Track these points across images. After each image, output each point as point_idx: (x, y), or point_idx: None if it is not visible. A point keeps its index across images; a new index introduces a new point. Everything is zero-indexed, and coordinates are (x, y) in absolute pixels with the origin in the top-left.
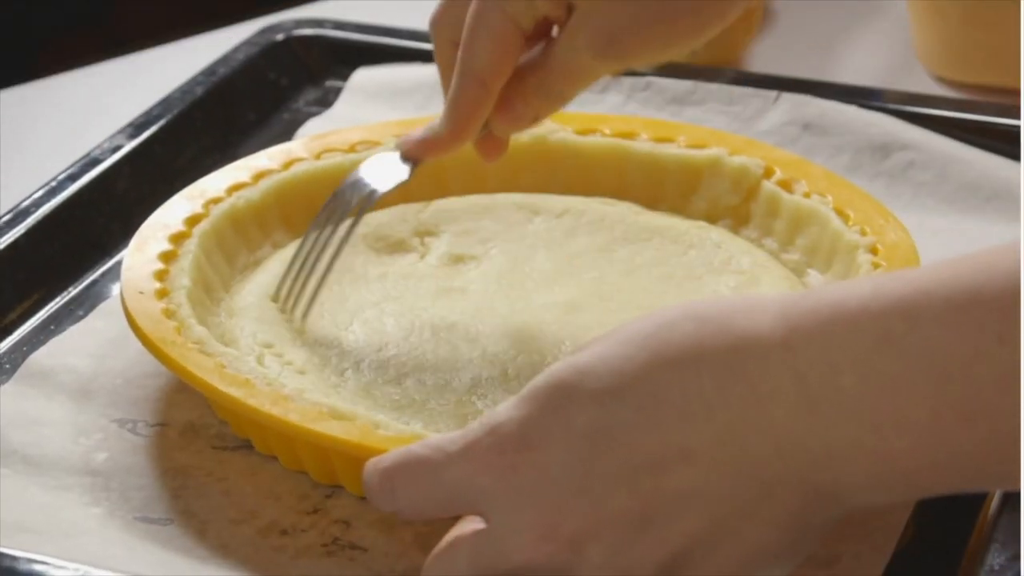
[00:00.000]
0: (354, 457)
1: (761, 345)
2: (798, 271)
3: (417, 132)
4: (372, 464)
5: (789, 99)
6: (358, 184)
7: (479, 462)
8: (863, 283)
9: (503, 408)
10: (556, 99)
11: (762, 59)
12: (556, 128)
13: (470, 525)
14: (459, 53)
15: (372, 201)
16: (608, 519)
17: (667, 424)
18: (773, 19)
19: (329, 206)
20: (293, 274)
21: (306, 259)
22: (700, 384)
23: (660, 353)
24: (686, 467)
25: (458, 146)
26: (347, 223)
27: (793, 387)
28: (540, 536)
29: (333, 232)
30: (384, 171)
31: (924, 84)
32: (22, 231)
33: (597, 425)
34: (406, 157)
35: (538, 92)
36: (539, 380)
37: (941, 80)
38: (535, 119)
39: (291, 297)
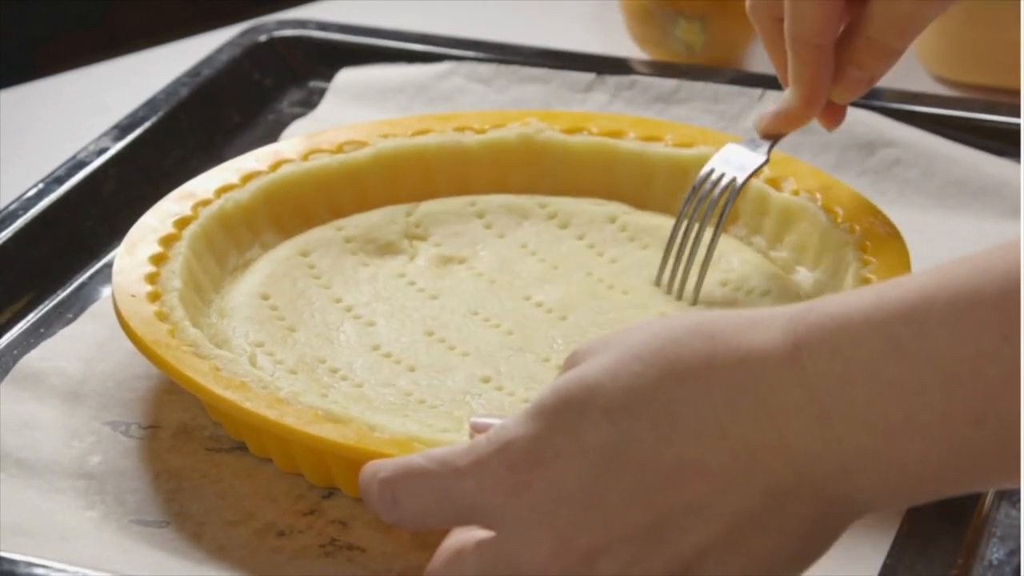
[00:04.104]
0: (351, 460)
1: (770, 361)
2: (787, 268)
3: (769, 109)
4: (370, 472)
5: (774, 97)
6: (714, 176)
7: (490, 478)
8: (866, 293)
9: (511, 424)
10: (888, 54)
11: (762, 59)
12: (543, 127)
13: (473, 533)
14: (786, 23)
15: (737, 189)
16: (621, 534)
17: (681, 441)
18: None
19: (690, 202)
20: (670, 266)
21: (680, 251)
22: (711, 401)
23: (670, 370)
24: (699, 483)
25: (813, 113)
26: (718, 212)
27: (804, 401)
28: (554, 552)
29: (703, 223)
30: (738, 159)
31: (924, 83)
32: (9, 234)
33: (610, 442)
34: (765, 135)
35: (868, 51)
36: (547, 396)
37: (941, 80)
38: (871, 79)
39: (674, 287)
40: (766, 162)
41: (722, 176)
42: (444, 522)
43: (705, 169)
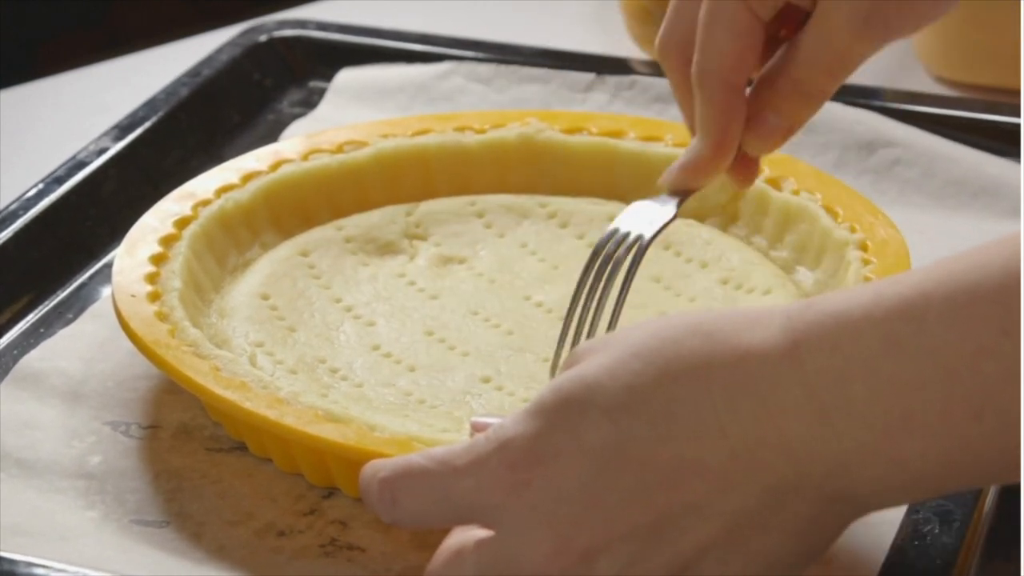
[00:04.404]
0: (351, 460)
1: (769, 359)
2: (787, 268)
3: (675, 163)
4: (370, 471)
5: None
6: (620, 233)
7: (489, 478)
8: (864, 290)
9: (511, 423)
10: (814, 98)
11: None
12: (543, 127)
13: (472, 533)
14: (695, 57)
15: (644, 248)
16: (621, 534)
17: (680, 440)
18: None
19: (593, 260)
20: (571, 333)
21: (582, 315)
22: (711, 399)
23: (669, 369)
24: (699, 482)
25: (724, 162)
26: (621, 274)
27: (803, 399)
28: (554, 551)
29: (607, 285)
30: (645, 215)
31: (924, 84)
32: (9, 234)
33: (610, 441)
34: (672, 191)
35: (793, 95)
36: (547, 394)
37: (941, 80)
38: (790, 129)
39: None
40: (675, 217)
41: (628, 234)
42: (443, 522)
43: (609, 228)
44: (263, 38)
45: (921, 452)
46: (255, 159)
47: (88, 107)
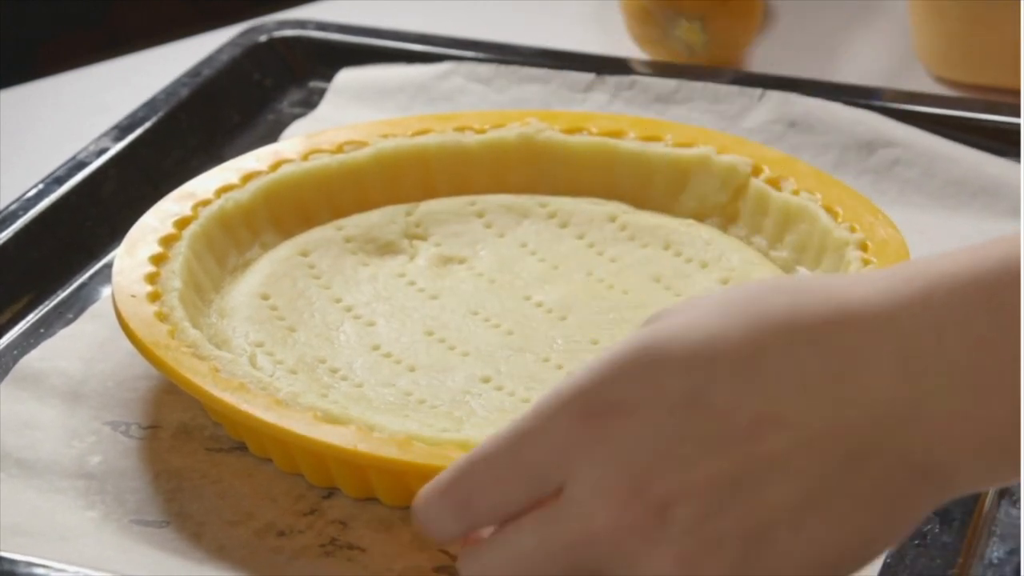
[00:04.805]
0: (351, 462)
1: (861, 315)
2: (787, 268)
3: None
4: (423, 496)
5: (774, 97)
6: None
7: (563, 435)
8: (960, 252)
9: (580, 375)
10: None
11: (762, 59)
12: (543, 127)
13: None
14: None
15: None
16: (697, 483)
17: (763, 391)
18: (773, 19)
19: None
20: None
21: None
22: (797, 353)
23: (756, 322)
24: (779, 435)
25: None
26: None
27: (893, 356)
28: (629, 494)
29: None
30: None
31: (924, 84)
32: (9, 234)
33: (690, 389)
34: None
35: None
36: (620, 347)
37: (941, 80)
38: None
39: None
40: None
41: None
42: (524, 496)
43: None
44: (263, 38)
45: (1008, 417)
46: (255, 159)
47: (88, 107)
